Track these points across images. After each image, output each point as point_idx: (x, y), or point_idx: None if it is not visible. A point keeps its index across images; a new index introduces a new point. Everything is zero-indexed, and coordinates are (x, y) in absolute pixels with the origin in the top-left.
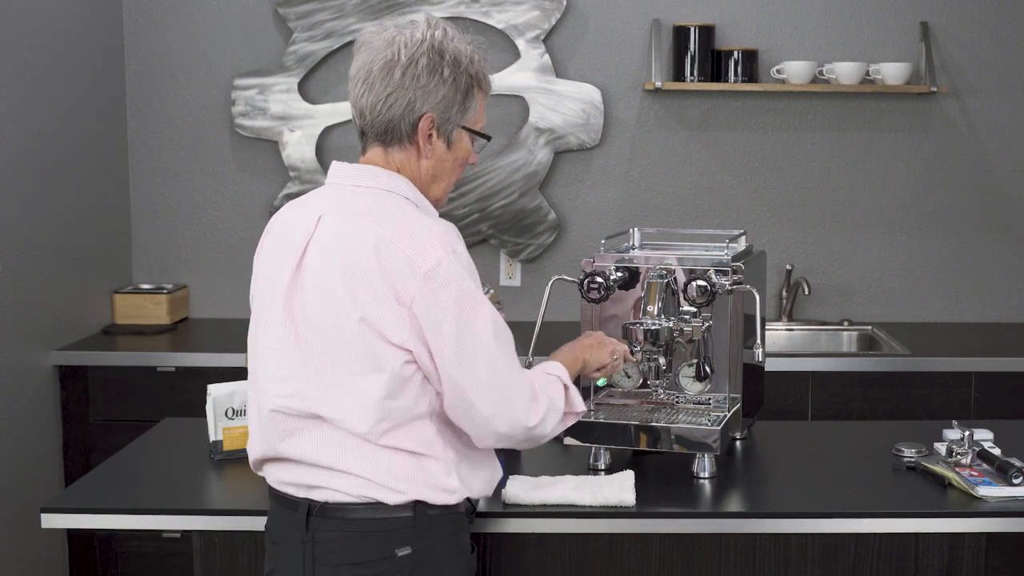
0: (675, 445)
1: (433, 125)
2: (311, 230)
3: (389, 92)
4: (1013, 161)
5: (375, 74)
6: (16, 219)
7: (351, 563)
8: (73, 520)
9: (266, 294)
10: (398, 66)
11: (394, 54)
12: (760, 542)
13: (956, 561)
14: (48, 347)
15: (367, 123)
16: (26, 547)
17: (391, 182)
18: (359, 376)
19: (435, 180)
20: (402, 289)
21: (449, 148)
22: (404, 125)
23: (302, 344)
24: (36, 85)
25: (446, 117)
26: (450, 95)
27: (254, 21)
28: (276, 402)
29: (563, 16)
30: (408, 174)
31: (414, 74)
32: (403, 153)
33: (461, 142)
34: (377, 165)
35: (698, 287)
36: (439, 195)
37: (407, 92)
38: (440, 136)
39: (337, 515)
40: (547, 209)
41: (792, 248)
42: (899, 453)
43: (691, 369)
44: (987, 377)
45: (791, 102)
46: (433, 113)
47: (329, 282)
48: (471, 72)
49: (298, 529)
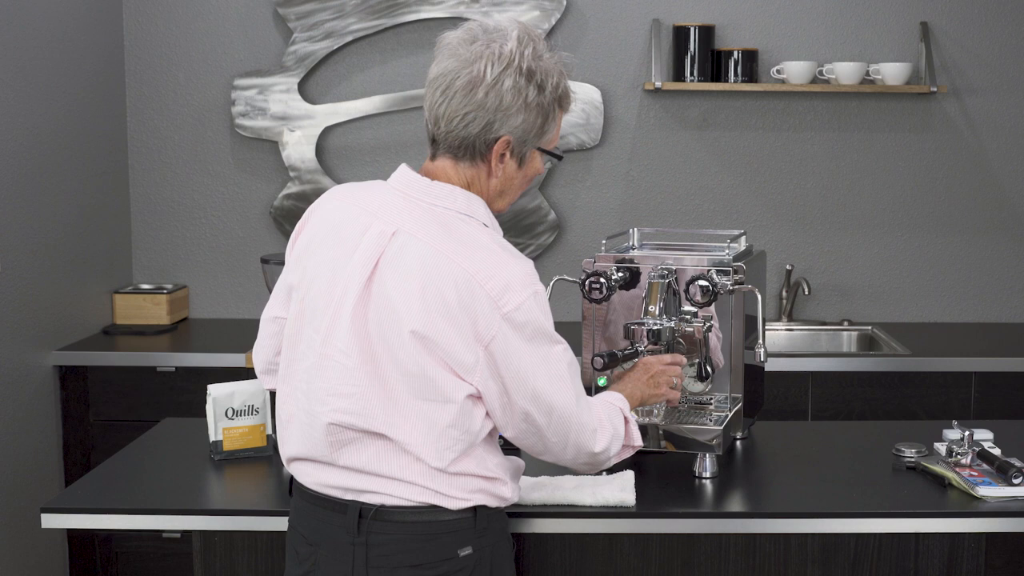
0: (676, 445)
1: (508, 147)
2: (382, 245)
3: (469, 110)
4: (1013, 161)
5: (458, 87)
6: (16, 219)
7: (410, 565)
8: (73, 520)
9: (320, 300)
10: (482, 85)
11: (480, 71)
12: (760, 542)
13: (956, 561)
14: (48, 347)
15: (441, 133)
16: (26, 547)
17: (470, 206)
18: (427, 403)
19: (501, 196)
20: (483, 328)
21: (520, 167)
22: (479, 144)
23: (371, 362)
24: (36, 85)
25: (523, 140)
26: (531, 119)
27: (254, 21)
28: (337, 416)
29: (563, 16)
30: (477, 190)
31: (498, 95)
32: (473, 169)
33: (533, 161)
34: (447, 175)
35: (700, 287)
36: (502, 207)
37: (487, 113)
38: (513, 157)
39: (394, 518)
40: (547, 209)
41: (792, 248)
42: (899, 453)
43: (692, 369)
44: (987, 377)
45: (791, 102)
46: (511, 136)
47: (406, 307)
48: (556, 95)
49: (348, 531)
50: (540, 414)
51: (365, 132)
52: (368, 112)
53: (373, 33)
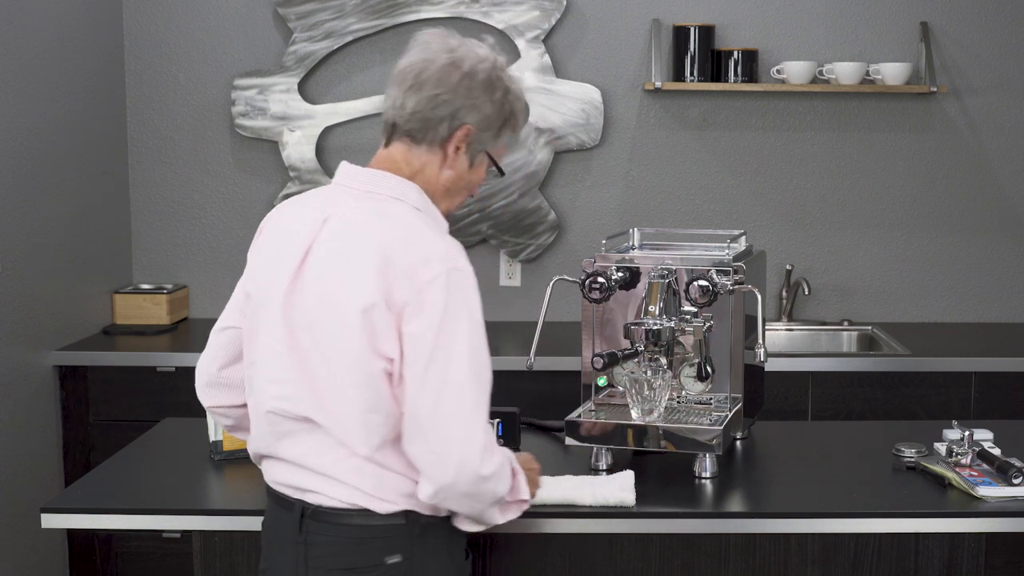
0: (676, 445)
1: (468, 138)
2: (315, 232)
3: (440, 91)
4: (1013, 161)
5: (432, 73)
6: (16, 219)
7: (343, 568)
8: (73, 520)
9: (263, 294)
10: (458, 72)
11: (458, 60)
12: (760, 542)
13: (956, 561)
14: (48, 347)
15: (404, 117)
16: (26, 547)
17: (403, 191)
18: (348, 383)
19: (447, 194)
20: (396, 295)
21: (470, 167)
22: (442, 128)
23: (297, 347)
24: (36, 85)
25: (480, 137)
26: (492, 117)
27: (254, 21)
28: (272, 403)
29: (563, 16)
30: (425, 178)
31: (469, 85)
32: (428, 155)
33: (481, 166)
34: (396, 161)
35: (700, 287)
36: (445, 209)
37: (458, 99)
38: (467, 152)
39: (330, 520)
40: (547, 209)
41: (792, 248)
42: (899, 453)
43: (692, 369)
44: (987, 377)
45: (791, 102)
46: (473, 127)
47: (329, 287)
48: (516, 108)
49: (292, 529)
50: (425, 404)
51: (365, 132)
52: (368, 112)
53: (373, 33)
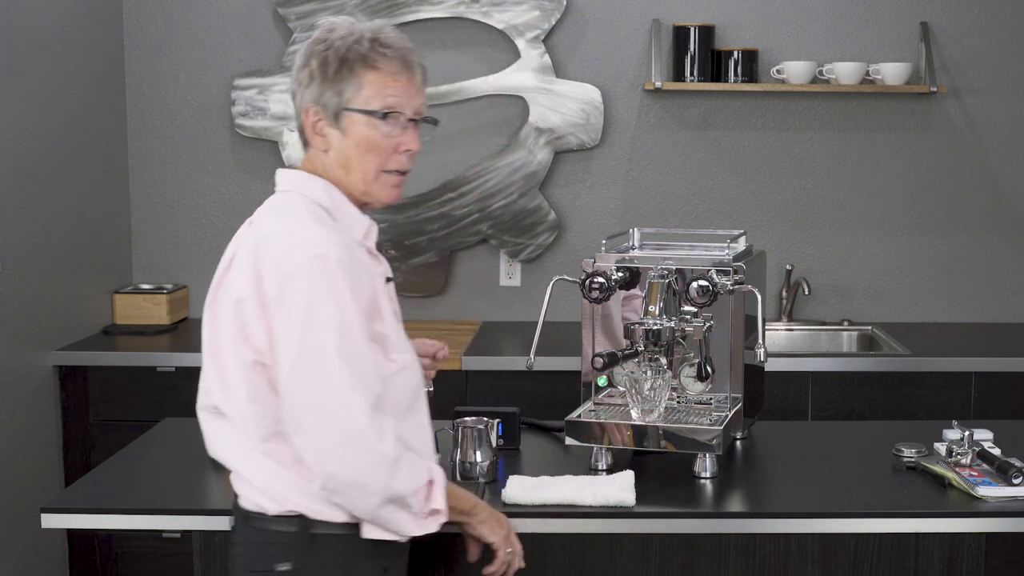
0: (676, 445)
1: (313, 116)
2: (242, 236)
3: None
4: (1013, 161)
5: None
6: (16, 219)
7: (249, 570)
8: (73, 520)
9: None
10: (294, 68)
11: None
12: (760, 542)
13: (956, 561)
14: (48, 347)
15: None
16: (26, 547)
17: (304, 184)
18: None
19: (348, 171)
20: (267, 288)
21: (345, 135)
22: (298, 123)
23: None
24: (36, 85)
25: (326, 105)
26: (318, 82)
27: (254, 21)
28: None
29: (563, 16)
30: (324, 173)
31: (296, 72)
32: (312, 151)
33: (353, 126)
34: (305, 165)
35: (700, 287)
36: (362, 187)
37: (293, 89)
38: (331, 125)
39: (246, 522)
40: (547, 209)
41: (792, 248)
42: (899, 453)
43: (692, 369)
44: (987, 377)
45: (791, 102)
46: (312, 105)
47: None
48: (342, 54)
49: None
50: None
51: None
52: None
53: None
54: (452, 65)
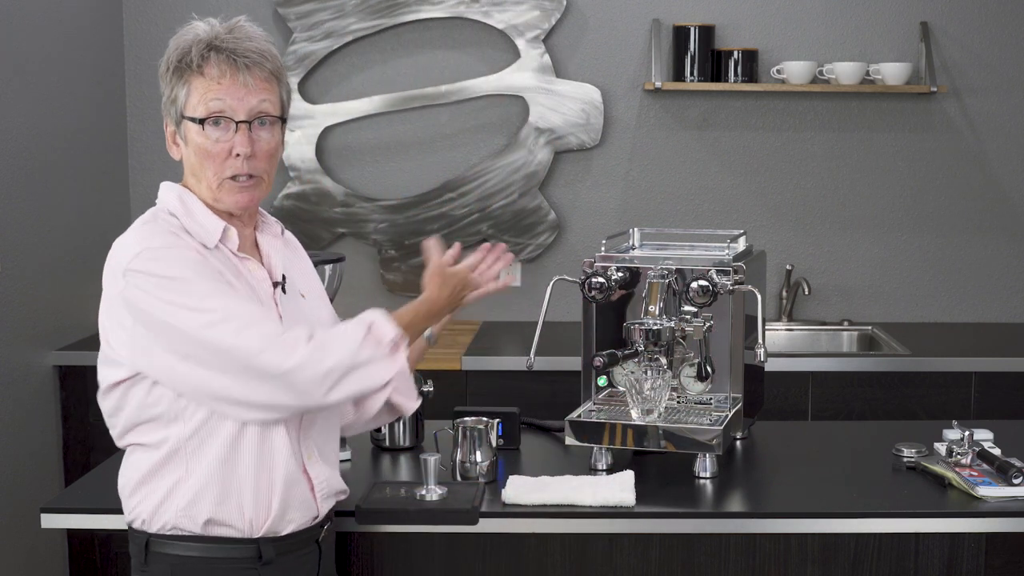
0: (676, 445)
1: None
2: None
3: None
4: (1013, 161)
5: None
6: (16, 219)
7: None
8: (73, 520)
9: None
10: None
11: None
12: (760, 542)
13: (956, 561)
14: (48, 347)
15: None
16: (26, 547)
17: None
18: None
19: (197, 180)
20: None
21: (187, 144)
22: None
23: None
24: (36, 85)
25: (170, 114)
26: (165, 95)
27: (254, 21)
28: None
29: (563, 16)
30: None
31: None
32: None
33: (189, 134)
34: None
35: (700, 287)
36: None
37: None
38: (178, 134)
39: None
40: (547, 209)
41: (792, 248)
42: (899, 453)
43: (692, 369)
44: (987, 377)
45: (791, 102)
46: (165, 117)
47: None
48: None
49: None
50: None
51: (365, 132)
52: (368, 112)
53: (373, 33)
54: (452, 65)
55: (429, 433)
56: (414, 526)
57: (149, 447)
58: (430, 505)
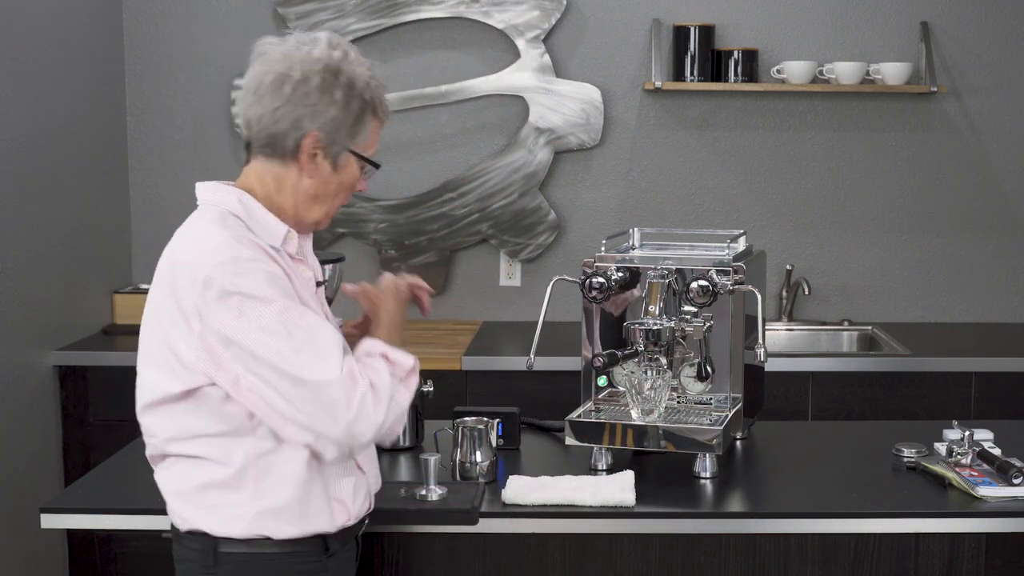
0: (676, 445)
1: (319, 145)
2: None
3: (277, 106)
4: (1013, 161)
5: (266, 86)
6: (16, 219)
7: None
8: (73, 520)
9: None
10: (289, 81)
11: (288, 68)
12: (760, 542)
13: (956, 561)
14: (48, 347)
15: (253, 134)
16: (26, 547)
17: (216, 196)
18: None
19: (315, 201)
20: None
21: (335, 171)
22: (289, 141)
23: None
24: (36, 85)
25: (334, 139)
26: (340, 117)
27: (254, 21)
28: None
29: (563, 16)
30: (281, 190)
31: (304, 91)
32: (284, 169)
33: (348, 167)
34: (249, 177)
35: (700, 287)
36: (319, 217)
37: (296, 108)
38: (326, 157)
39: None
40: (547, 209)
41: (792, 248)
42: (899, 453)
43: (692, 369)
44: (987, 377)
45: (791, 102)
46: (319, 133)
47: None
48: (365, 97)
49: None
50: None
51: None
52: None
53: (373, 33)
54: (452, 65)
55: (429, 433)
56: (414, 526)
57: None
58: (430, 505)
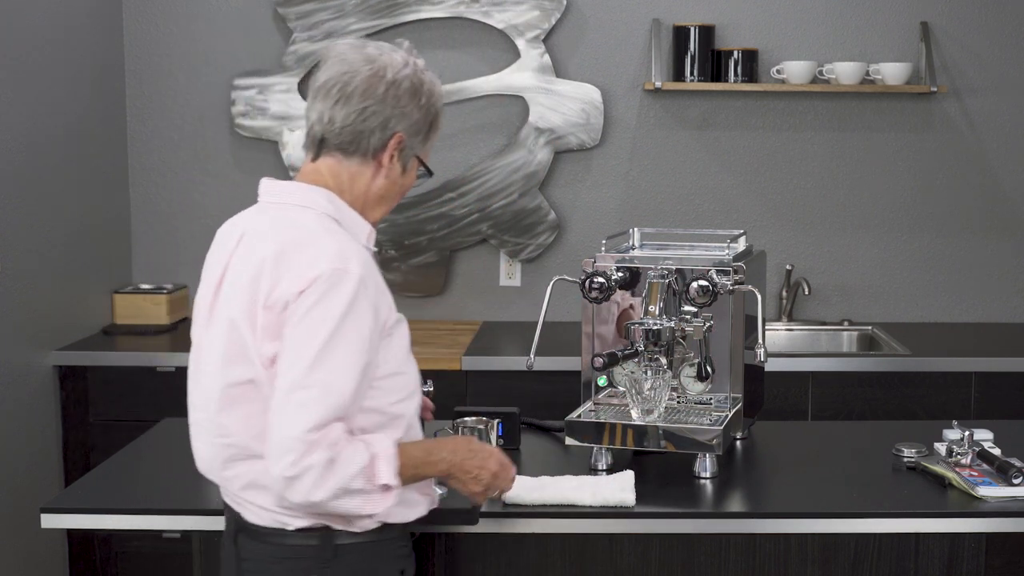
0: (676, 445)
1: (400, 146)
2: (231, 248)
3: (367, 105)
4: (1013, 161)
5: (357, 85)
6: (16, 219)
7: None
8: (73, 520)
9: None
10: (383, 82)
11: (380, 70)
12: (760, 542)
13: (956, 561)
14: (48, 347)
15: (333, 131)
16: (26, 547)
17: (308, 197)
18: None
19: (381, 202)
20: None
21: (403, 173)
22: (374, 140)
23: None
24: (36, 86)
25: (411, 143)
26: (420, 122)
27: (254, 21)
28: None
29: (563, 16)
30: (356, 189)
31: (396, 94)
32: (360, 167)
33: (412, 171)
34: (322, 174)
35: (700, 287)
36: (379, 217)
37: (386, 109)
38: (400, 159)
39: (255, 535)
40: (547, 209)
41: (792, 248)
42: (899, 453)
43: (692, 369)
44: (987, 377)
45: (791, 102)
46: (404, 135)
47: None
48: (437, 108)
49: (229, 540)
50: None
51: None
52: None
53: (373, 33)
54: (452, 65)
55: (429, 433)
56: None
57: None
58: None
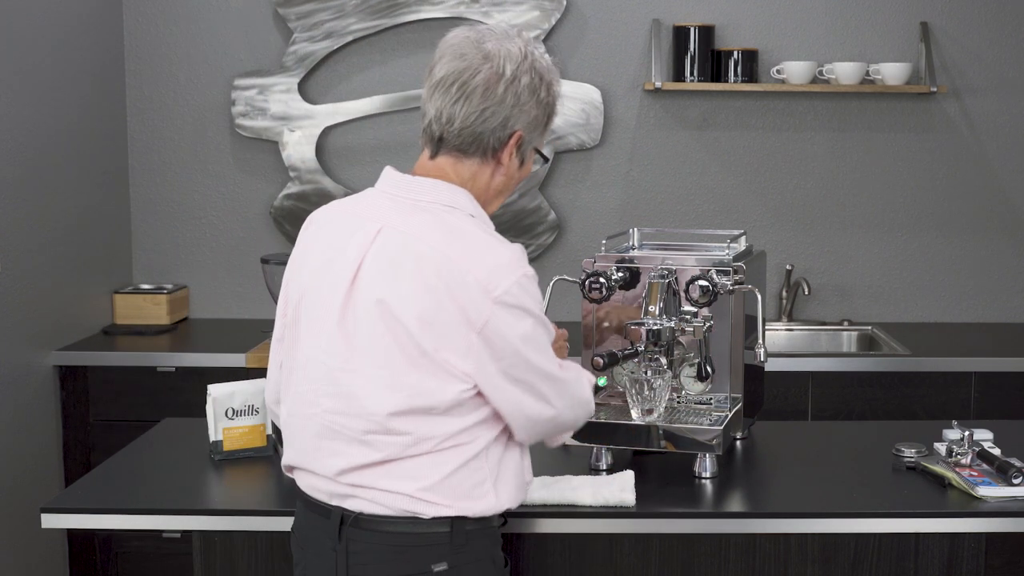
0: (676, 445)
1: (519, 142)
2: (367, 243)
3: (487, 106)
4: (1013, 161)
5: (476, 84)
6: (16, 219)
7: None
8: (73, 520)
9: (313, 308)
10: (502, 81)
11: (499, 68)
12: (760, 542)
13: (956, 561)
14: (48, 347)
15: (452, 131)
16: (26, 547)
17: (454, 198)
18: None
19: (499, 196)
20: (474, 314)
21: (521, 166)
22: (493, 140)
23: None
24: (36, 85)
25: (530, 138)
26: (539, 117)
27: (254, 21)
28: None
29: (563, 16)
30: (476, 186)
31: (516, 92)
32: (478, 166)
33: (529, 161)
34: (445, 171)
35: (700, 287)
36: (494, 210)
37: (506, 109)
38: (518, 154)
39: (372, 527)
40: (547, 209)
41: (792, 248)
42: (899, 453)
43: (692, 369)
44: (987, 377)
45: (791, 102)
46: (523, 132)
47: (388, 302)
48: (554, 99)
49: (329, 537)
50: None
51: (365, 132)
52: (368, 112)
53: (373, 33)
54: None
55: None
56: None
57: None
58: None
